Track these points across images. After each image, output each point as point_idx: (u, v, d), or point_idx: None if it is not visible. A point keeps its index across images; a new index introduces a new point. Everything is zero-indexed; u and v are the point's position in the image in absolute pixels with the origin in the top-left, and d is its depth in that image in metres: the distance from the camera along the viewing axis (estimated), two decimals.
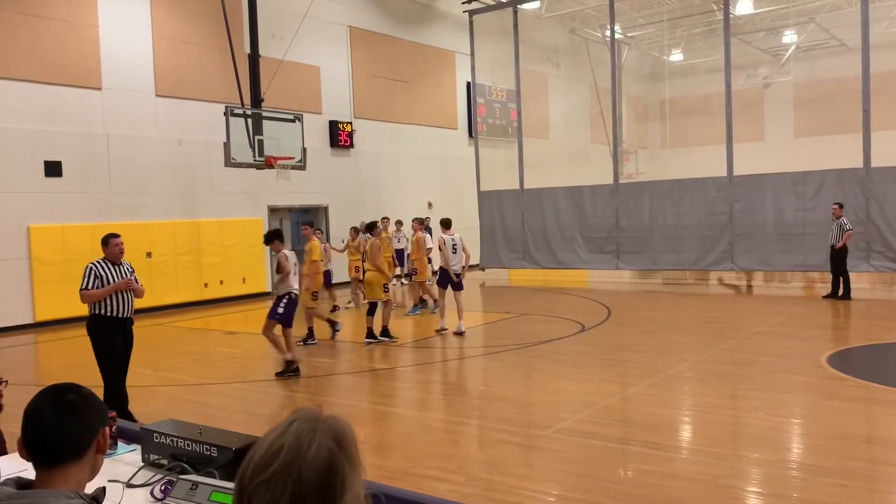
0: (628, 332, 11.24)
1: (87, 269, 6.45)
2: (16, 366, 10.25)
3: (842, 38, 24.76)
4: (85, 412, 1.74)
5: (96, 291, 6.42)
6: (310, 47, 18.60)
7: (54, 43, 14.03)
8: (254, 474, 1.22)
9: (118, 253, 6.61)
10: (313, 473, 1.21)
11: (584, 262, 18.70)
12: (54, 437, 1.70)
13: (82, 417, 1.73)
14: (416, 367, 9.44)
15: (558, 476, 5.25)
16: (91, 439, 1.74)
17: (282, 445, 1.23)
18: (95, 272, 6.44)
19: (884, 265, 14.93)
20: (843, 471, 4.99)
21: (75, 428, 1.71)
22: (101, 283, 6.44)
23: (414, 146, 21.87)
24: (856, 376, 7.79)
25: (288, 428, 1.26)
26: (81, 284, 6.45)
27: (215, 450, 2.45)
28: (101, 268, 6.50)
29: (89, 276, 6.42)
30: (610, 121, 19.89)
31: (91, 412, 1.75)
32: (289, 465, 1.21)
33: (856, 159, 15.17)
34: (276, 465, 1.21)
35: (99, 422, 1.76)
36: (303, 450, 1.23)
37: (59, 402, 1.73)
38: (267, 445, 1.24)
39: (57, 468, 1.70)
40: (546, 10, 24.04)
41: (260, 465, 1.22)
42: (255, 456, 1.24)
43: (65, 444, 1.70)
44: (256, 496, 1.21)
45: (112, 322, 6.52)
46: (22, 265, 13.57)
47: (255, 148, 14.35)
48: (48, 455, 1.70)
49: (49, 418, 1.71)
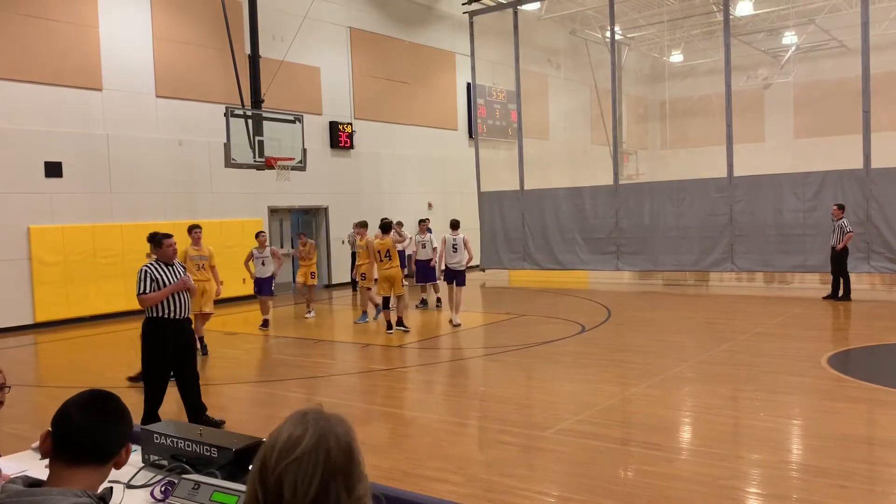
0: (628, 333, 11.24)
1: (143, 273, 6.22)
2: (16, 366, 10.24)
3: (842, 39, 24.78)
4: (122, 423, 1.82)
5: (155, 294, 6.20)
6: (310, 48, 18.61)
7: (55, 44, 14.03)
8: (280, 457, 1.28)
9: (172, 254, 6.43)
10: (339, 455, 1.30)
11: (585, 262, 18.71)
12: (91, 438, 1.76)
13: (119, 427, 1.81)
14: (416, 368, 9.44)
15: (558, 477, 5.25)
16: (119, 449, 1.81)
17: (305, 431, 1.30)
18: (151, 275, 6.22)
19: (884, 266, 14.93)
20: (843, 472, 4.99)
21: (111, 435, 1.79)
22: (158, 285, 6.23)
23: (414, 147, 21.87)
24: (856, 377, 7.79)
25: (304, 418, 1.33)
26: (138, 289, 6.21)
27: (215, 450, 2.45)
28: (155, 270, 6.29)
29: (145, 280, 6.20)
30: (610, 122, 19.90)
31: (127, 425, 1.84)
32: (316, 446, 1.29)
33: (856, 160, 15.18)
34: (304, 446, 1.28)
35: (127, 436, 1.84)
36: (327, 434, 1.31)
37: (104, 406, 1.81)
38: (289, 432, 1.31)
39: (79, 468, 1.74)
40: (546, 11, 24.06)
41: (287, 448, 1.28)
42: (278, 442, 1.30)
43: (97, 447, 1.76)
44: (287, 476, 1.26)
45: (169, 324, 6.32)
46: (22, 266, 13.57)
47: (255, 149, 14.35)
48: (76, 453, 1.74)
49: (91, 419, 1.77)
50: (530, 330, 11.76)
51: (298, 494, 1.26)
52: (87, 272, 14.22)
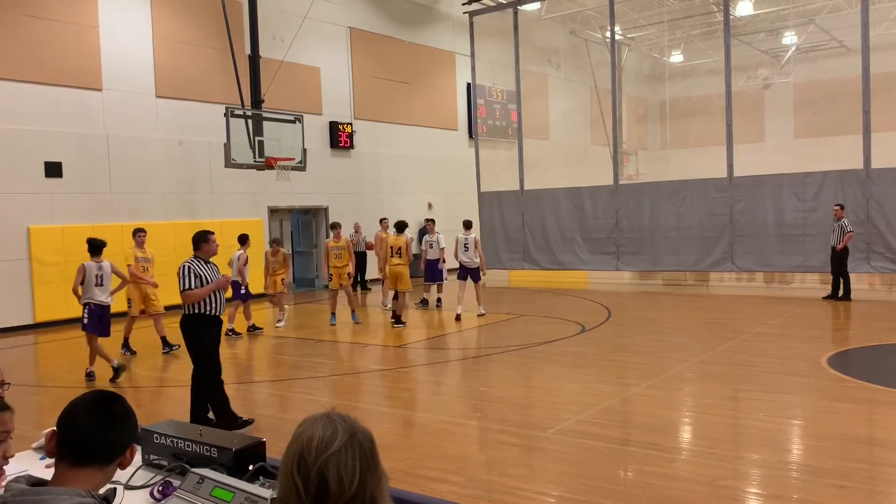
0: (628, 333, 11.23)
1: (185, 269, 6.19)
2: (15, 366, 10.24)
3: (842, 39, 24.78)
4: (127, 424, 1.83)
5: (198, 291, 6.17)
6: (310, 48, 18.61)
7: (55, 44, 14.03)
8: (319, 452, 1.38)
9: (216, 250, 6.45)
10: (368, 445, 1.43)
11: (585, 263, 18.70)
12: (96, 439, 1.76)
13: (123, 428, 1.81)
14: (416, 368, 9.44)
15: (558, 477, 5.25)
16: (124, 450, 1.81)
17: (335, 428, 1.42)
18: (194, 271, 6.20)
19: (884, 266, 14.93)
20: (843, 472, 4.99)
21: (115, 435, 1.79)
22: (201, 282, 6.21)
23: (414, 147, 21.87)
24: (856, 377, 7.79)
25: (329, 417, 1.45)
26: (182, 285, 6.18)
27: (215, 450, 2.45)
28: (198, 266, 6.27)
29: (189, 276, 6.16)
30: (610, 122, 19.89)
31: (132, 426, 1.85)
32: (349, 440, 1.40)
33: (856, 160, 15.18)
34: (339, 441, 1.40)
35: (132, 437, 1.84)
36: (355, 430, 1.43)
37: (108, 407, 1.81)
38: (321, 430, 1.42)
39: (83, 469, 1.74)
40: (546, 11, 24.06)
41: (323, 444, 1.39)
42: (314, 439, 1.40)
43: (102, 448, 1.77)
44: (330, 468, 1.37)
45: (209, 321, 6.33)
46: (22, 266, 13.57)
47: (255, 149, 14.35)
48: (82, 453, 1.75)
49: (95, 420, 1.77)
50: (530, 330, 11.76)
51: (344, 484, 1.36)
52: None
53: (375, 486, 1.41)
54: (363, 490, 1.38)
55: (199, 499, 2.18)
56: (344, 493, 1.36)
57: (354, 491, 1.37)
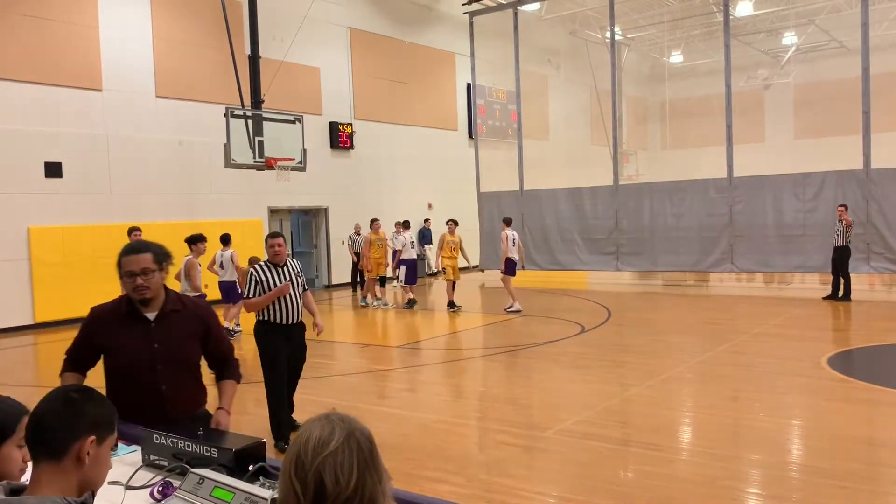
0: (628, 334, 11.24)
1: (249, 275, 6.11)
2: (15, 367, 10.25)
3: (842, 39, 24.77)
4: (72, 412, 1.68)
5: (257, 300, 6.01)
6: (310, 48, 18.60)
7: (55, 44, 14.03)
8: (316, 453, 1.37)
9: (273, 255, 6.11)
10: (366, 444, 1.42)
11: (584, 263, 18.70)
12: (39, 428, 1.67)
13: (67, 417, 1.67)
14: (416, 369, 9.44)
15: (558, 477, 5.25)
16: (69, 443, 1.66)
17: (333, 428, 1.41)
18: (256, 278, 6.02)
19: (884, 266, 14.93)
20: (843, 472, 4.99)
21: (58, 423, 1.66)
22: (263, 288, 5.99)
23: (414, 147, 21.87)
24: (856, 378, 7.79)
25: (328, 418, 1.44)
26: (244, 292, 6.14)
27: (215, 451, 2.45)
28: (261, 272, 6.05)
29: (250, 283, 6.06)
30: (610, 122, 19.89)
31: (78, 415, 1.69)
32: (347, 440, 1.40)
33: (856, 161, 15.18)
34: (336, 441, 1.39)
35: (84, 429, 1.69)
36: (353, 430, 1.42)
37: (66, 396, 1.72)
38: (318, 431, 1.41)
39: (40, 467, 1.66)
40: (546, 11, 24.05)
41: (320, 445, 1.38)
42: (311, 440, 1.39)
43: (44, 436, 1.66)
44: (326, 469, 1.36)
45: (273, 328, 6.11)
46: (22, 266, 13.57)
47: (255, 149, 14.34)
48: (32, 444, 1.68)
49: (47, 406, 1.70)
50: (530, 330, 11.76)
51: (341, 484, 1.35)
52: (87, 272, 14.20)
53: (375, 486, 1.40)
54: (362, 490, 1.37)
55: (199, 499, 2.18)
56: (341, 493, 1.35)
57: (352, 491, 1.36)
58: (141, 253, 3.14)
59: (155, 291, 3.19)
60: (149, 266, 3.13)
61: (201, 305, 3.56)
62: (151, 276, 3.14)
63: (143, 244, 3.21)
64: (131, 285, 3.14)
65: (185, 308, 3.35)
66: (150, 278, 3.14)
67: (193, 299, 3.58)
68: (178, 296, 3.40)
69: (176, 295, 3.37)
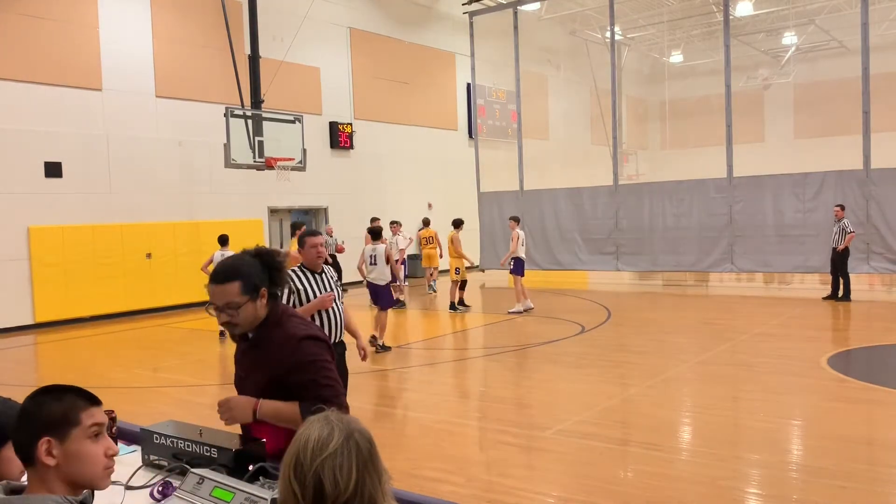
0: (628, 334, 11.23)
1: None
2: (15, 367, 10.25)
3: (842, 39, 24.78)
4: (25, 419, 1.68)
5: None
6: (310, 48, 18.61)
7: (55, 44, 14.03)
8: (315, 454, 1.37)
9: (314, 257, 5.08)
10: (366, 445, 1.42)
11: (584, 263, 18.70)
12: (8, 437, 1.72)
13: (21, 425, 1.68)
14: (416, 369, 9.44)
15: (558, 477, 5.25)
16: (29, 449, 1.65)
17: (332, 429, 1.41)
18: (291, 286, 4.94)
19: (884, 266, 14.93)
20: (843, 472, 4.99)
21: (15, 433, 1.69)
22: (299, 298, 4.98)
23: (414, 147, 21.87)
24: (856, 378, 7.79)
25: (327, 419, 1.44)
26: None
27: (215, 451, 2.45)
28: (297, 279, 5.02)
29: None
30: (610, 122, 19.89)
31: (30, 422, 1.67)
32: (346, 441, 1.39)
33: (856, 161, 15.18)
34: (335, 442, 1.38)
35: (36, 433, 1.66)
36: (352, 430, 1.42)
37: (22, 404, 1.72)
38: (317, 432, 1.40)
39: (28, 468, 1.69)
40: (546, 11, 24.04)
41: (319, 446, 1.38)
42: (309, 442, 1.39)
43: (15, 446, 1.70)
44: (325, 470, 1.36)
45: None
46: (22, 266, 13.56)
47: (255, 149, 14.34)
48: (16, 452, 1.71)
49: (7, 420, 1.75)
50: (530, 330, 11.76)
51: (340, 486, 1.35)
52: (87, 272, 14.22)
53: (374, 486, 1.39)
54: (361, 491, 1.37)
55: (199, 499, 2.18)
56: (340, 495, 1.35)
57: (351, 493, 1.36)
58: (226, 283, 2.49)
59: (247, 326, 2.58)
60: (233, 300, 2.49)
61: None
62: (239, 310, 2.51)
63: (231, 269, 2.52)
64: (219, 321, 2.58)
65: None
66: (237, 315, 2.52)
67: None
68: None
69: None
